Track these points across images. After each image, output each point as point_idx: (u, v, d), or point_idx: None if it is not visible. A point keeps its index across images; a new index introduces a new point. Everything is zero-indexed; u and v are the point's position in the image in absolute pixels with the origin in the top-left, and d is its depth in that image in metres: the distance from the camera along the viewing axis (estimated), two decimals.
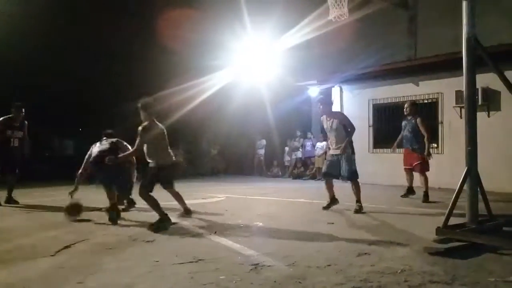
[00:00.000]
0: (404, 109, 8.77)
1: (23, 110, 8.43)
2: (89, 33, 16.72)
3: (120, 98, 16.08)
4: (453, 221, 4.56)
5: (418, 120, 8.48)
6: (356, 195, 7.10)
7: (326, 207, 7.20)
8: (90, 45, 16.93)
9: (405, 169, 8.84)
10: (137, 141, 5.98)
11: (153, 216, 5.97)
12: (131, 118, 13.99)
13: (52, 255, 4.31)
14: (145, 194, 5.90)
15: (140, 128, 5.98)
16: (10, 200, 8.30)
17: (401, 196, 8.87)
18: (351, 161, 7.05)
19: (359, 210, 6.97)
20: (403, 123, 8.81)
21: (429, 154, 8.37)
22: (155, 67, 17.02)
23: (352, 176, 7.09)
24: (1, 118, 8.33)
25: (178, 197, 6.61)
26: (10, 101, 8.59)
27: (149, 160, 6.17)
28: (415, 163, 8.48)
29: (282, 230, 5.66)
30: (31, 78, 16.06)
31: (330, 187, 7.28)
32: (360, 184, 7.22)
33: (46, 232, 5.53)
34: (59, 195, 9.80)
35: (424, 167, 8.42)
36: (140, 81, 16.66)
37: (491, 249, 4.16)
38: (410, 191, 8.82)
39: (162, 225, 5.72)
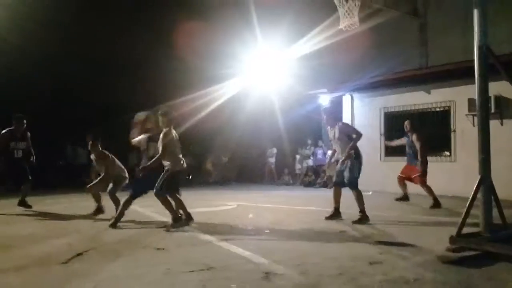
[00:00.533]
0: (404, 127, 9.02)
1: (25, 121, 8.62)
2: (103, 42, 16.93)
3: (131, 107, 16.24)
4: (466, 229, 4.51)
5: (414, 136, 8.65)
6: (358, 204, 6.78)
7: (329, 218, 7.02)
8: (102, 54, 17.12)
9: (398, 176, 9.12)
10: (161, 146, 6.26)
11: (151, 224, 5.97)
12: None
13: (65, 263, 4.34)
14: (164, 197, 6.36)
15: (161, 133, 6.32)
16: (24, 203, 8.42)
17: (396, 199, 9.20)
18: (353, 168, 6.80)
19: (359, 221, 6.63)
20: (406, 139, 9.05)
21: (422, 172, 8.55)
22: (167, 76, 17.17)
23: (351, 184, 6.81)
24: (3, 131, 8.51)
25: (180, 203, 6.66)
26: (22, 110, 8.76)
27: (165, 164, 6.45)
28: (414, 176, 8.71)
29: (293, 238, 5.64)
30: (44, 88, 16.28)
31: (337, 196, 7.07)
32: (369, 193, 7.15)
33: (59, 240, 5.56)
34: (71, 203, 9.90)
35: (423, 179, 8.56)
36: (151, 91, 16.82)
37: (505, 258, 4.10)
38: (405, 197, 9.15)
39: (177, 224, 6.24)
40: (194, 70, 16.64)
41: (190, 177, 14.23)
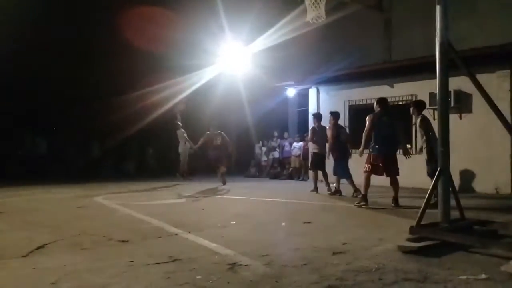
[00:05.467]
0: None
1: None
2: (65, 31, 16.43)
3: (94, 97, 15.93)
4: (426, 220, 4.65)
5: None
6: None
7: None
8: (64, 44, 16.62)
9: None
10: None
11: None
12: (107, 115, 13.84)
13: (25, 256, 4.23)
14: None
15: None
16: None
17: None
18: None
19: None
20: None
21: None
22: (130, 67, 16.85)
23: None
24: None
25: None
26: None
27: None
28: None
29: (259, 229, 5.68)
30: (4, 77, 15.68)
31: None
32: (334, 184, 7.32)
33: (19, 233, 5.41)
34: (32, 195, 9.64)
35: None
36: (114, 81, 16.49)
37: (463, 248, 4.26)
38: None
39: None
40: (159, 61, 16.39)
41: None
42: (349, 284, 3.28)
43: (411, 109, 8.20)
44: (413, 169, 9.94)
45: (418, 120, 7.88)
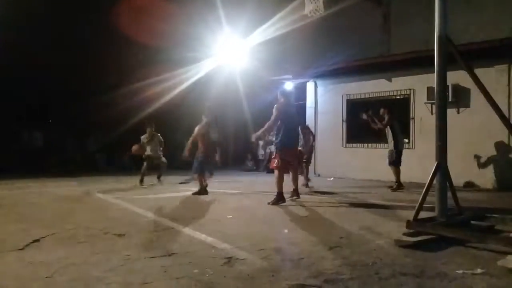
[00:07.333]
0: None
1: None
2: (62, 25, 16.29)
3: (92, 91, 15.84)
4: (423, 214, 4.65)
5: None
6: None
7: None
8: (61, 37, 16.50)
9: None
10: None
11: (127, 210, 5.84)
12: (103, 108, 13.78)
13: (21, 249, 4.21)
14: None
15: None
16: None
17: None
18: None
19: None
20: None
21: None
22: (129, 60, 16.77)
23: None
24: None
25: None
26: None
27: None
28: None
29: (256, 223, 5.67)
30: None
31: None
32: (331, 178, 7.29)
33: (16, 225, 5.39)
34: (28, 188, 9.61)
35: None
36: (112, 75, 16.42)
37: (459, 242, 4.26)
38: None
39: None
40: (154, 54, 16.30)
41: None
42: (345, 278, 3.28)
43: (382, 110, 9.61)
44: (409, 164, 9.98)
45: (386, 120, 9.35)
